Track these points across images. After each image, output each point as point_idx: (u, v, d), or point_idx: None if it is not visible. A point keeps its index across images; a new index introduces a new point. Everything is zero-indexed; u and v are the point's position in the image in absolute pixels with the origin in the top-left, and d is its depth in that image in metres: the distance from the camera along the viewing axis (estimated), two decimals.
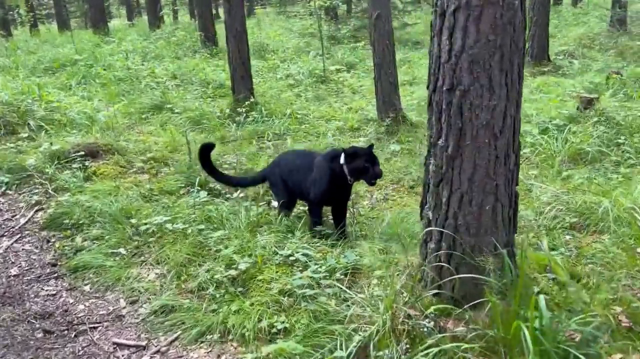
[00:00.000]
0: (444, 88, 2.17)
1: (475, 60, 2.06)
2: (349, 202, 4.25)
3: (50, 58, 10.23)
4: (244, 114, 6.50)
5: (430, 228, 2.35)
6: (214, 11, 15.45)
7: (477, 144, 2.16)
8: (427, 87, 2.31)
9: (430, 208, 2.38)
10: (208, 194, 4.28)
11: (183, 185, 4.40)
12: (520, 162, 4.90)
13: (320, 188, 3.51)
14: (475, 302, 2.16)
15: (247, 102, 6.58)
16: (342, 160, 3.40)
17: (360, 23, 15.20)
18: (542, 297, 1.89)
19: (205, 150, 3.91)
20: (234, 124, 6.28)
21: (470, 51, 2.06)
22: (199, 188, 4.23)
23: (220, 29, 10.15)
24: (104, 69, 9.25)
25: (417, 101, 7.37)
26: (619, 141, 4.91)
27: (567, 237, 3.32)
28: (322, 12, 14.36)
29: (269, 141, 5.76)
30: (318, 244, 3.35)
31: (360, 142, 5.79)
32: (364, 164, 3.32)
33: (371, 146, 3.48)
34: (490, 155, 2.17)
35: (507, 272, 2.18)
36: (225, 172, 4.84)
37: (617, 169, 4.46)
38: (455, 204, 2.26)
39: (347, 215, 3.97)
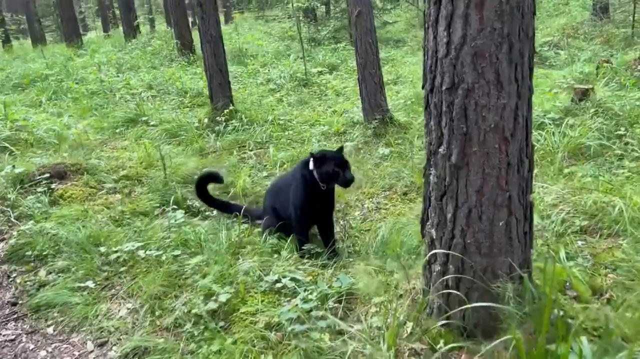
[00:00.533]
0: (444, 87, 1.86)
1: (480, 53, 1.76)
2: (338, 214, 3.95)
3: (20, 74, 9.80)
4: (224, 123, 6.17)
5: (435, 250, 2.04)
6: (190, 18, 15.06)
7: (486, 150, 1.85)
8: (423, 87, 2.00)
9: (432, 225, 2.07)
10: (186, 213, 3.95)
11: (158, 205, 4.05)
12: None
13: (297, 199, 3.23)
14: (496, 340, 1.84)
15: (225, 111, 6.24)
16: (311, 165, 3.11)
17: (340, 24, 14.93)
18: (585, 341, 1.59)
19: (204, 181, 3.83)
20: (213, 134, 5.94)
21: (473, 43, 1.75)
22: (175, 207, 3.90)
23: (198, 36, 9.82)
24: (76, 83, 8.87)
25: (404, 100, 7.09)
26: (620, 132, 4.65)
27: (580, 243, 3.03)
28: (300, 14, 14.05)
29: (251, 151, 5.43)
30: (307, 265, 3.04)
31: (348, 147, 5.48)
32: (333, 168, 3.06)
33: (341, 148, 3.22)
34: (501, 162, 1.87)
35: (529, 298, 1.87)
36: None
37: (622, 162, 4.19)
38: (462, 220, 1.95)
39: (337, 229, 3.66)
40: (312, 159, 3.11)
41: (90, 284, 3.09)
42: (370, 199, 4.25)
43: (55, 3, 15.27)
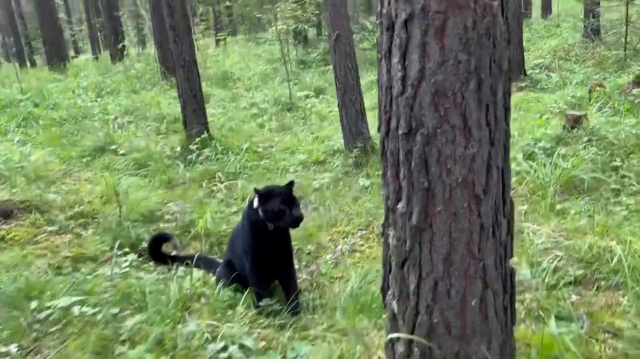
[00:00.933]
0: (400, 132, 1.51)
1: (442, 90, 1.41)
2: (308, 257, 3.59)
3: None
4: (196, 152, 5.81)
5: (397, 331, 1.66)
6: None
7: (452, 210, 1.49)
8: (378, 130, 1.65)
9: (394, 297, 1.70)
10: (140, 257, 3.58)
11: (108, 248, 3.66)
12: None
13: (246, 245, 2.86)
14: None
15: (197, 139, 5.89)
16: (255, 203, 2.75)
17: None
18: None
19: (156, 244, 3.47)
20: (183, 164, 5.58)
21: (433, 78, 1.41)
22: (127, 250, 3.52)
23: None
24: (51, 109, 8.52)
25: None
26: (615, 163, 4.32)
27: (574, 297, 2.66)
28: (288, 36, 13.83)
29: (221, 183, 5.06)
30: (263, 326, 2.65)
31: (326, 178, 5.13)
32: (279, 206, 2.68)
33: (291, 183, 2.83)
34: (472, 224, 1.50)
35: None
36: (166, 225, 4.18)
37: (618, 198, 3.85)
38: (427, 294, 1.58)
39: (305, 276, 3.28)
40: (257, 196, 2.75)
41: (12, 349, 2.67)
42: (345, 239, 3.87)
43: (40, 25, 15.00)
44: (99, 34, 24.49)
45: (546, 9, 18.11)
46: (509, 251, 1.61)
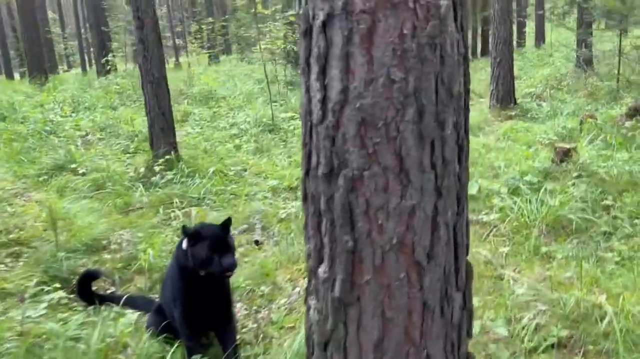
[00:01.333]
0: (320, 171, 1.12)
1: (369, 119, 1.03)
2: (260, 301, 3.17)
3: None
4: (159, 174, 5.41)
5: None
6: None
7: (386, 281, 1.10)
8: (301, 166, 1.26)
9: None
10: (72, 294, 3.15)
11: (34, 283, 3.23)
12: (488, 232, 3.92)
13: (175, 291, 2.42)
14: None
15: (160, 160, 5.49)
16: (184, 244, 2.32)
17: None
18: None
19: (86, 282, 2.96)
20: (143, 187, 5.16)
21: (359, 102, 1.03)
22: (58, 285, 3.11)
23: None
24: (21, 122, 8.14)
25: None
26: (607, 202, 3.96)
27: None
28: (277, 56, 13.55)
29: (180, 209, 4.64)
30: None
31: (294, 207, 4.73)
32: (207, 251, 2.23)
33: (227, 221, 2.36)
34: (412, 300, 1.11)
35: None
36: (109, 256, 3.76)
37: (609, 241, 3.47)
38: None
39: (250, 325, 2.87)
40: (185, 236, 2.32)
41: None
42: (305, 279, 3.45)
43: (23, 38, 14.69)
44: (91, 48, 24.26)
45: (539, 38, 18.07)
46: (465, 333, 1.21)
